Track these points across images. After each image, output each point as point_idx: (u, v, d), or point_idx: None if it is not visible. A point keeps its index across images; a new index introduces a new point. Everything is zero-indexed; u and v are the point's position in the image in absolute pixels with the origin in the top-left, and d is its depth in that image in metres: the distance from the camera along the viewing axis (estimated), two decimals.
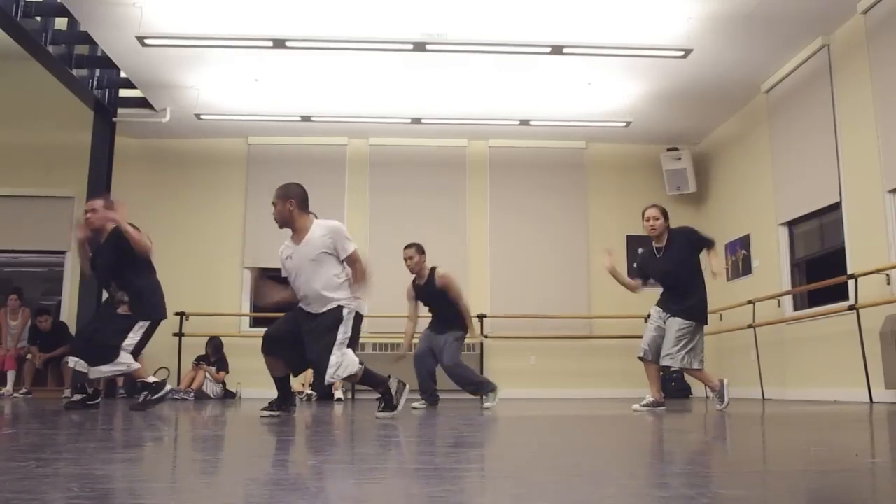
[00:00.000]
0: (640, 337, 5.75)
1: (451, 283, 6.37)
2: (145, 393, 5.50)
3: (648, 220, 5.56)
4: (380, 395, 4.64)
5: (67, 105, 9.13)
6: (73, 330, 9.16)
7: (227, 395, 9.08)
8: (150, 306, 5.43)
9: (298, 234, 4.63)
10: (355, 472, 1.94)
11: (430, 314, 6.56)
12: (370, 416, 4.64)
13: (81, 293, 8.85)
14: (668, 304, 5.54)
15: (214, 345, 9.21)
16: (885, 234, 6.64)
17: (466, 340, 6.56)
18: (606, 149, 10.70)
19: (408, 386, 4.72)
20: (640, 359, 5.64)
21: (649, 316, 5.74)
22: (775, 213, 8.56)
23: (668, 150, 10.38)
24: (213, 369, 9.02)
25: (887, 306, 6.37)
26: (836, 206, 7.42)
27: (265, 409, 4.62)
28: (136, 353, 5.39)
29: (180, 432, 3.52)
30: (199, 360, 9.08)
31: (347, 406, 6.98)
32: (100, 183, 8.94)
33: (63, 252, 10.25)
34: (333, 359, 4.35)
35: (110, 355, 5.27)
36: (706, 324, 5.57)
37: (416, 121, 9.64)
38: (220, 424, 4.18)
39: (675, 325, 5.46)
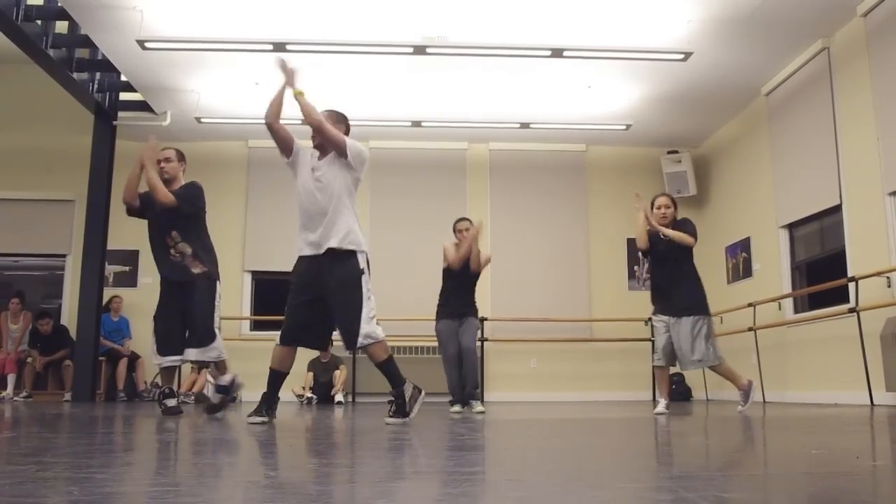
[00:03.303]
0: (642, 340, 5.73)
1: (487, 259, 6.60)
2: (222, 395, 5.17)
3: (660, 208, 5.58)
4: (392, 397, 4.12)
5: (68, 108, 9.14)
6: (73, 333, 9.15)
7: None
8: (216, 265, 5.16)
9: (323, 152, 4.28)
10: (355, 476, 1.94)
11: (446, 292, 6.40)
12: (371, 420, 4.63)
13: (82, 296, 8.85)
14: (668, 305, 5.54)
15: None
16: (886, 237, 6.65)
17: None
18: (606, 152, 10.71)
19: (423, 392, 4.18)
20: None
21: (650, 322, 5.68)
22: (775, 215, 8.56)
23: (669, 153, 10.39)
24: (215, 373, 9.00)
25: (888, 309, 6.37)
26: (837, 209, 7.42)
27: (254, 414, 4.07)
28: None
29: (181, 435, 3.52)
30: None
31: (348, 409, 6.97)
32: (101, 186, 8.97)
33: (64, 255, 10.27)
34: (364, 319, 3.92)
35: (211, 338, 4.99)
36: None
37: (417, 124, 9.65)
38: (221, 428, 4.18)
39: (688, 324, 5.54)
